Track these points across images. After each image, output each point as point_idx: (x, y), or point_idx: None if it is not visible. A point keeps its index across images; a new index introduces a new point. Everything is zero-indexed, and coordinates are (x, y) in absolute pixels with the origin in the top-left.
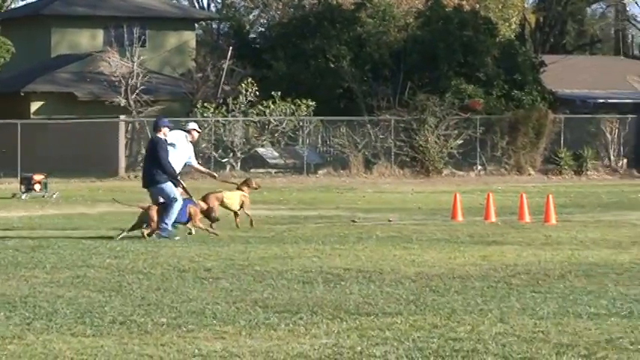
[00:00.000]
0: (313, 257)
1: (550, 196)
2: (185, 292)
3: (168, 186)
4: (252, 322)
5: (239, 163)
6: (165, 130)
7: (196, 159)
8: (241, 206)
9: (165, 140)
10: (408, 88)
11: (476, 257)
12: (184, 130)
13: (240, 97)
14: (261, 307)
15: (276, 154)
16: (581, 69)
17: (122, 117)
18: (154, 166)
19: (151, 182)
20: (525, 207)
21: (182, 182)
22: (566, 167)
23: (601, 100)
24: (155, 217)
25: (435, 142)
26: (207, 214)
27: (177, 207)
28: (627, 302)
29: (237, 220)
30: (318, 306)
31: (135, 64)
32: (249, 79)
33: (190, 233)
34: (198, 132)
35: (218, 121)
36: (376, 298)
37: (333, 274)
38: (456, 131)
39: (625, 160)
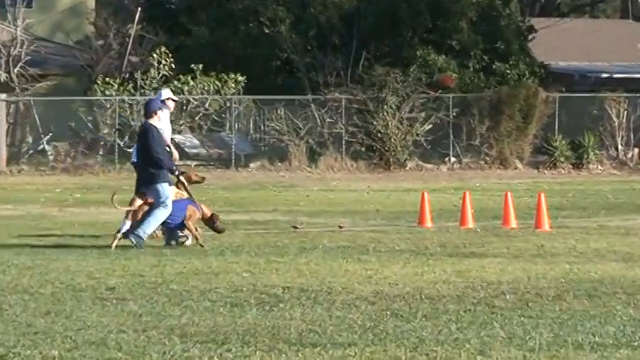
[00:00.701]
0: (244, 273)
1: (542, 195)
2: (82, 316)
3: (164, 187)
4: (167, 354)
5: None
6: (159, 113)
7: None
8: None
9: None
10: (363, 60)
11: (449, 273)
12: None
13: (152, 70)
14: (178, 335)
15: (197, 142)
16: (580, 36)
17: (2, 96)
18: (146, 160)
19: (145, 180)
20: (511, 209)
21: (182, 179)
22: (562, 159)
23: (605, 75)
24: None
25: (397, 127)
26: (209, 222)
27: (162, 215)
28: None
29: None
30: (250, 334)
31: (18, 29)
32: (163, 49)
33: (182, 243)
34: (175, 100)
35: (123, 100)
36: (324, 325)
37: (269, 295)
38: (423, 114)
39: (636, 151)
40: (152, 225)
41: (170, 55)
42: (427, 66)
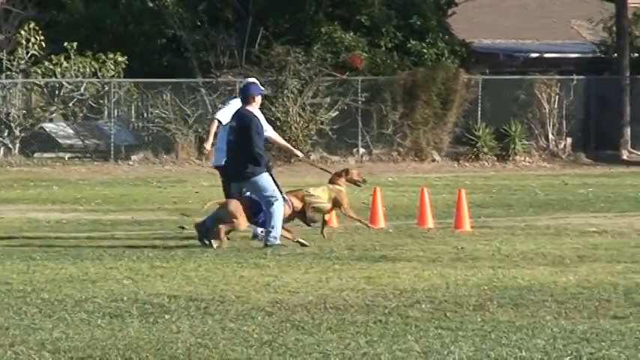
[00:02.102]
0: (124, 280)
1: (463, 191)
2: None
3: (264, 179)
4: None
5: (17, 145)
6: (258, 99)
7: None
8: (335, 206)
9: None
10: (260, 38)
11: (358, 279)
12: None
13: (19, 50)
14: (50, 351)
15: (71, 131)
16: (506, 11)
17: None
18: (245, 152)
19: (242, 176)
20: (427, 207)
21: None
22: (485, 150)
23: (534, 55)
24: (237, 214)
25: (299, 114)
26: (301, 215)
27: (279, 207)
28: (572, 342)
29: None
30: (132, 349)
31: None
32: (32, 25)
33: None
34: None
35: None
36: (215, 339)
37: (154, 304)
38: (328, 99)
39: (569, 141)
40: (278, 222)
41: (40, 32)
42: (333, 45)
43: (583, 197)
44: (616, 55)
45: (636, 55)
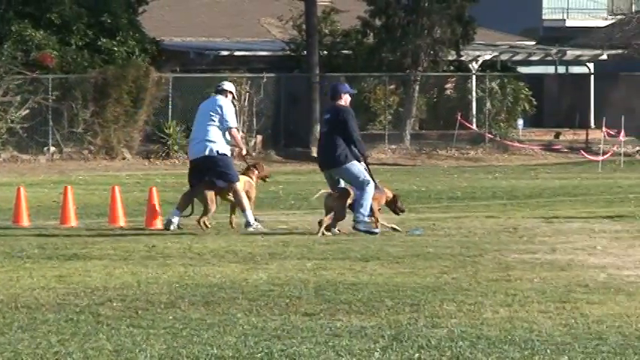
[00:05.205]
0: None
1: (154, 189)
2: None
3: (355, 166)
4: None
5: None
6: (346, 97)
7: None
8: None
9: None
10: None
11: (49, 278)
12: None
13: None
14: None
15: None
16: (197, 9)
17: None
18: (338, 141)
19: (335, 162)
20: (119, 205)
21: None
22: (176, 148)
23: (225, 53)
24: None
25: None
26: (392, 205)
27: (371, 190)
28: (263, 339)
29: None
30: None
31: None
32: None
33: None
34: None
35: None
36: None
37: None
38: (18, 97)
39: (259, 138)
40: (366, 204)
41: None
42: (24, 42)
43: (274, 195)
44: (305, 52)
45: (325, 53)
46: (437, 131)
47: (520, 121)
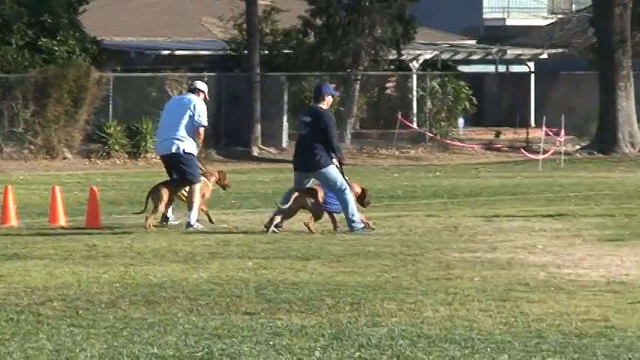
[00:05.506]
0: None
1: (94, 189)
2: None
3: (333, 170)
4: None
5: None
6: (329, 99)
7: None
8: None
9: None
10: None
11: None
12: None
13: None
14: None
15: None
16: (138, 9)
17: None
18: (317, 145)
19: (314, 166)
20: (59, 205)
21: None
22: (117, 148)
23: (166, 52)
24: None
25: None
26: (361, 199)
27: (350, 196)
28: (204, 339)
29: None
30: None
31: None
32: None
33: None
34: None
35: None
36: None
37: None
38: None
39: None
40: (351, 209)
41: None
42: None
43: (214, 194)
44: (246, 52)
45: (266, 52)
46: (378, 130)
47: (461, 120)
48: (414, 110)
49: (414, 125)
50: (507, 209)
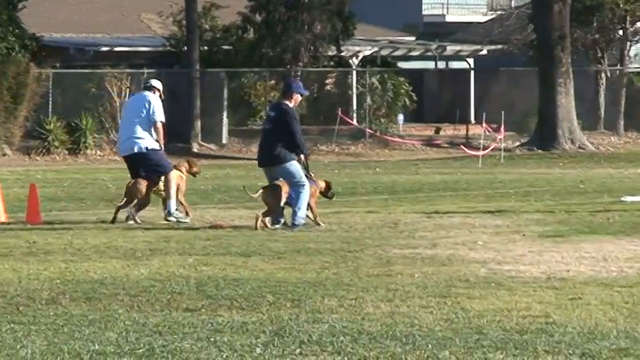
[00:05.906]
0: None
1: (34, 185)
2: None
3: (293, 166)
4: None
5: None
6: (297, 97)
7: None
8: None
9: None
10: None
11: None
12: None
13: None
14: None
15: None
16: (77, 5)
17: None
18: (279, 140)
19: (273, 161)
20: None
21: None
22: (56, 144)
23: (105, 49)
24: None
25: None
26: (326, 193)
27: (306, 192)
28: (145, 335)
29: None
30: None
31: None
32: None
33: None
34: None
35: None
36: None
37: None
38: None
39: None
40: (302, 203)
41: None
42: None
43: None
44: (186, 48)
45: (206, 48)
46: (317, 127)
47: (400, 117)
48: (354, 107)
49: (354, 122)
50: (447, 205)
